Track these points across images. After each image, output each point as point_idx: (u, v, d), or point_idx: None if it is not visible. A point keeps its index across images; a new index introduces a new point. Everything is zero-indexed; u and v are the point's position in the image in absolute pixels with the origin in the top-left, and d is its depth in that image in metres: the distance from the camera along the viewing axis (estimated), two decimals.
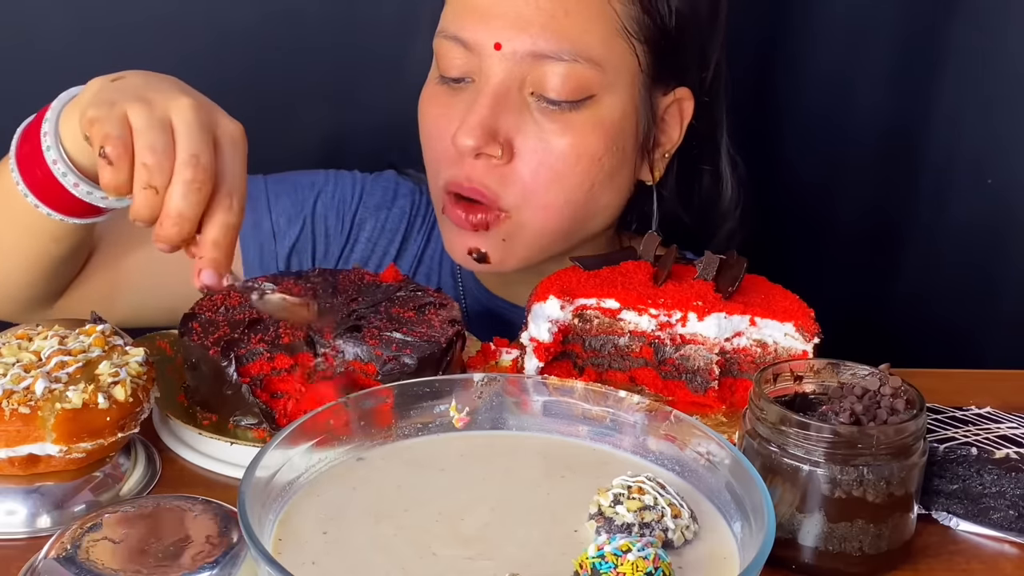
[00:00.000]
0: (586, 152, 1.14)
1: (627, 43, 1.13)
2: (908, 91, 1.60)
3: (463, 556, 0.74)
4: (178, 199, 0.88)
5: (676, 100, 1.20)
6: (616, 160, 1.16)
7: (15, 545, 0.86)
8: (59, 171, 0.99)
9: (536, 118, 1.13)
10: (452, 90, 1.16)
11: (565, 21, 1.10)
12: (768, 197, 1.63)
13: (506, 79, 1.12)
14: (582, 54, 1.11)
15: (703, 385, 1.03)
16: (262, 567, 0.68)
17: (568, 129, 1.13)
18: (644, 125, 1.18)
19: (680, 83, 1.19)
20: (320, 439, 0.82)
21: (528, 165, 1.13)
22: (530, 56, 1.11)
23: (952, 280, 1.64)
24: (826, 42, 1.60)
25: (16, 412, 0.86)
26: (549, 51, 1.10)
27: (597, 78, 1.12)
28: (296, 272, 1.11)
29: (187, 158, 0.88)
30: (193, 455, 0.97)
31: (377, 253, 1.33)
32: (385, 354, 0.97)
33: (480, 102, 1.12)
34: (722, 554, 0.76)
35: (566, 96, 1.11)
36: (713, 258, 1.07)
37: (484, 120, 1.11)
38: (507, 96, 1.12)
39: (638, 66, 1.14)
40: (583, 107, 1.13)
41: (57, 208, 1.02)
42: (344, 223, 1.32)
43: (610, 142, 1.15)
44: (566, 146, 1.13)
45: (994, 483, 0.90)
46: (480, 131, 1.11)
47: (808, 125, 1.63)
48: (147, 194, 0.88)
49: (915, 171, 1.63)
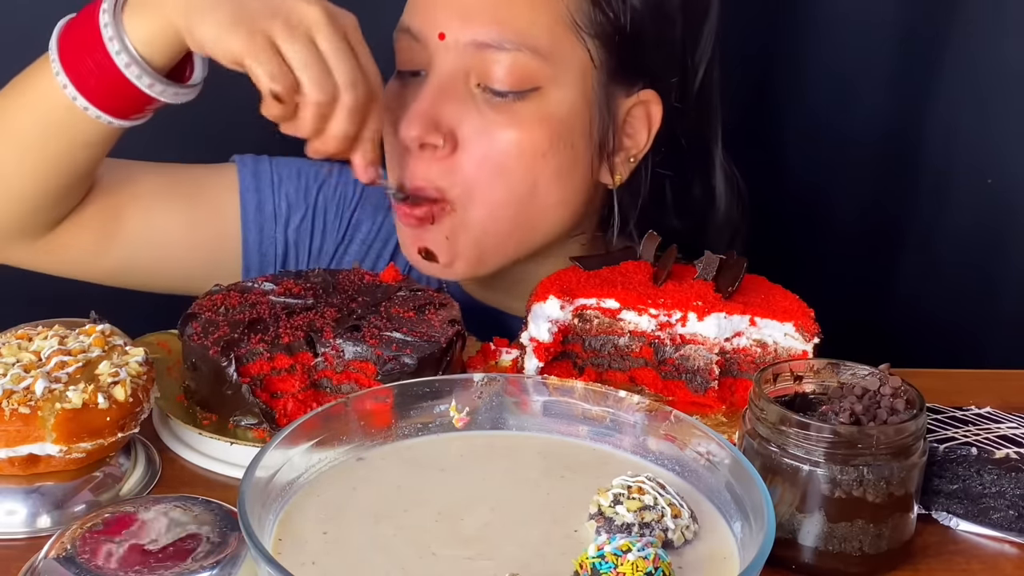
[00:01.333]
0: (530, 146, 1.12)
1: (576, 37, 1.12)
2: (908, 91, 1.59)
3: (463, 556, 0.74)
4: (344, 123, 1.02)
5: (641, 102, 1.17)
6: (564, 158, 1.14)
7: (15, 545, 0.86)
8: (133, 74, 1.03)
9: (481, 109, 1.12)
10: (404, 84, 1.16)
11: (509, 11, 1.10)
12: (768, 197, 1.63)
13: (451, 70, 1.12)
14: (527, 44, 1.10)
15: (703, 385, 1.03)
16: (262, 567, 0.68)
17: (513, 122, 1.12)
18: (600, 124, 1.16)
19: (646, 85, 1.17)
20: (320, 439, 0.82)
21: (472, 156, 1.12)
22: (474, 46, 1.10)
23: (952, 280, 1.64)
24: (826, 42, 1.60)
25: (16, 412, 0.86)
26: (492, 40, 1.10)
27: (542, 69, 1.11)
28: (296, 271, 1.11)
29: (347, 85, 1.01)
30: (193, 455, 0.97)
31: (371, 256, 1.32)
32: (385, 354, 0.97)
33: (424, 92, 1.12)
34: (722, 554, 0.76)
35: (510, 86, 1.11)
36: (713, 258, 1.07)
37: (426, 110, 1.11)
38: (451, 87, 1.12)
39: (590, 62, 1.13)
40: (528, 98, 1.11)
41: (109, 109, 1.05)
42: (342, 221, 1.32)
43: (556, 137, 1.13)
44: (510, 138, 1.12)
45: (994, 483, 0.90)
46: (422, 120, 1.11)
47: (808, 125, 1.63)
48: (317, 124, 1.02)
49: (915, 171, 1.63)
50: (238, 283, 1.08)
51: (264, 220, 1.28)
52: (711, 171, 1.27)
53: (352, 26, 1.03)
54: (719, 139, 1.27)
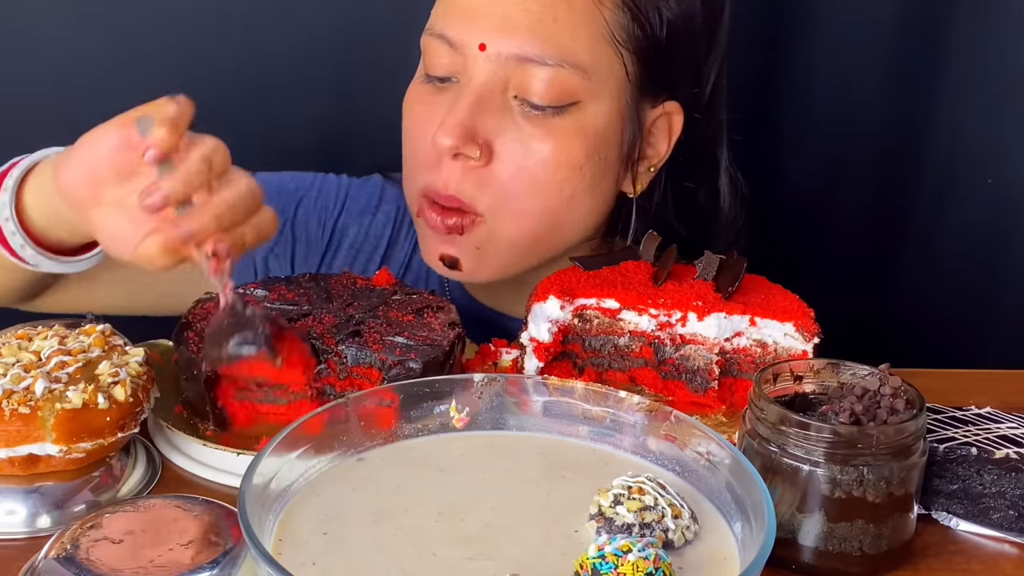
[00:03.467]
0: (567, 160, 1.12)
1: (615, 51, 1.12)
2: (908, 90, 1.60)
3: (463, 556, 0.74)
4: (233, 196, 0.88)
5: (665, 114, 1.18)
6: (598, 170, 1.14)
7: (15, 545, 0.86)
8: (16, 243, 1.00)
9: (518, 122, 1.11)
10: (436, 89, 1.15)
11: (553, 26, 1.09)
12: (768, 197, 1.63)
13: (489, 80, 1.10)
14: (568, 60, 1.09)
15: (703, 385, 1.03)
16: (262, 567, 0.68)
17: (550, 135, 1.11)
18: (629, 136, 1.16)
19: (670, 96, 1.18)
20: (320, 440, 0.82)
21: (507, 168, 1.12)
22: (515, 59, 1.09)
23: (952, 280, 1.64)
24: (826, 41, 1.60)
25: (16, 412, 0.86)
26: (534, 55, 1.09)
27: (582, 85, 1.11)
28: (287, 278, 1.10)
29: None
30: (197, 467, 0.96)
31: (361, 259, 1.31)
32: (390, 359, 0.97)
33: (461, 102, 1.11)
34: (722, 554, 0.76)
35: (550, 101, 1.10)
36: (713, 258, 1.07)
37: (464, 120, 1.10)
38: (489, 98, 1.11)
39: (625, 75, 1.13)
40: (566, 113, 1.11)
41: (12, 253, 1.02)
42: (325, 229, 1.31)
43: (592, 151, 1.13)
44: (547, 152, 1.11)
45: (994, 483, 0.90)
46: (459, 131, 1.09)
47: (808, 124, 1.63)
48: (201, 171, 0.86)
49: (915, 170, 1.63)
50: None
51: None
52: (717, 175, 1.28)
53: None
54: (724, 144, 1.27)
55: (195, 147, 0.86)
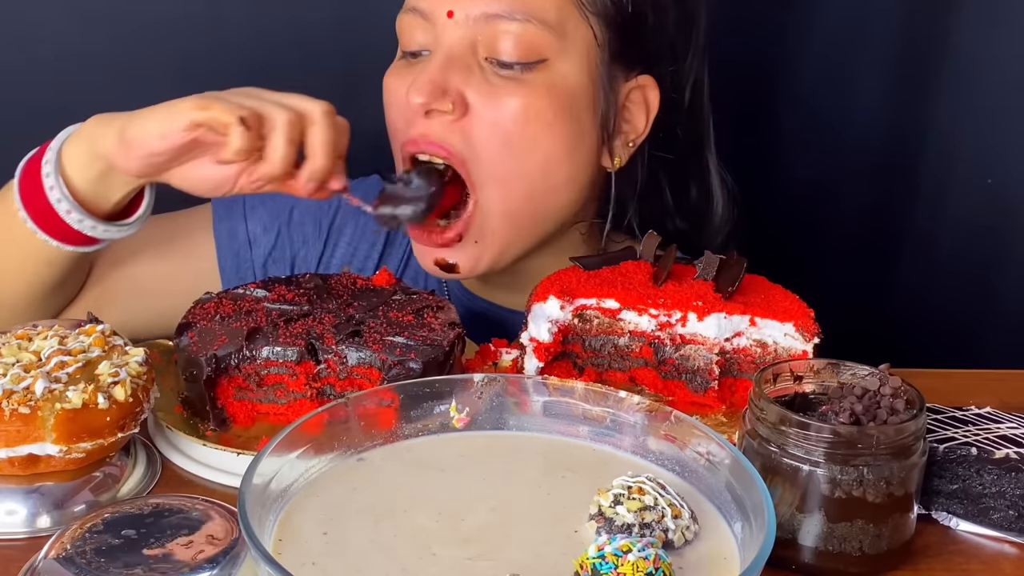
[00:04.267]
0: (536, 115, 1.13)
1: (581, 15, 1.14)
2: (908, 91, 1.60)
3: (463, 556, 0.74)
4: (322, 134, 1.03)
5: (639, 87, 1.19)
6: (571, 131, 1.16)
7: (15, 545, 0.86)
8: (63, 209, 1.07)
9: (489, 79, 1.13)
10: (411, 63, 1.17)
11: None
12: (768, 197, 1.63)
13: (459, 42, 1.13)
14: (535, 15, 1.12)
15: (703, 385, 1.03)
16: (262, 567, 0.68)
17: (519, 88, 1.13)
18: (603, 103, 1.17)
19: (645, 71, 1.19)
20: (319, 440, 0.82)
21: (482, 121, 1.13)
22: (483, 18, 1.12)
23: (952, 280, 1.64)
24: (825, 42, 1.60)
25: (16, 412, 0.86)
26: (502, 11, 1.12)
27: (550, 41, 1.13)
28: (287, 278, 1.10)
29: (324, 111, 1.04)
30: (197, 467, 0.96)
31: (359, 257, 1.33)
32: (390, 359, 0.97)
33: (432, 62, 1.14)
34: (722, 554, 0.76)
35: (518, 57, 1.12)
36: (713, 258, 1.07)
37: (434, 77, 1.12)
38: (460, 57, 1.13)
39: (594, 39, 1.15)
40: (535, 70, 1.13)
41: (54, 235, 1.09)
42: (321, 229, 1.33)
43: (561, 108, 1.14)
44: (516, 106, 1.13)
45: (994, 483, 0.90)
46: (429, 87, 1.12)
47: (808, 125, 1.63)
48: (292, 148, 1.02)
49: (915, 170, 1.63)
50: (229, 291, 1.07)
51: (239, 247, 1.30)
52: (706, 174, 1.29)
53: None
54: (712, 143, 1.29)
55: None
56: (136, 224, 1.13)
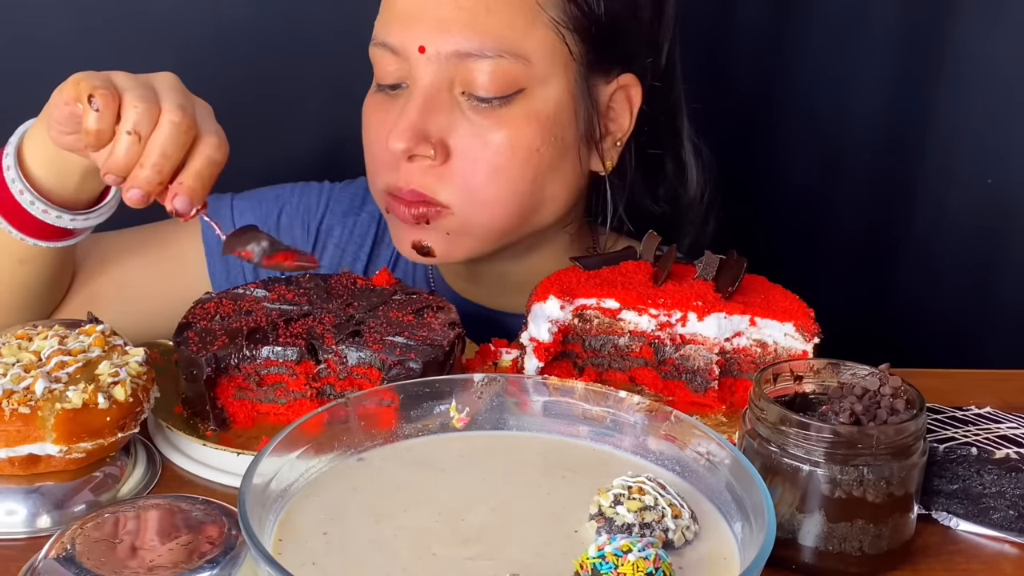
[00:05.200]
0: (522, 144, 1.13)
1: (555, 33, 1.13)
2: (908, 91, 1.60)
3: (463, 556, 0.74)
4: (163, 138, 0.94)
5: (621, 87, 1.19)
6: (556, 150, 1.15)
7: (15, 545, 0.86)
8: (25, 200, 1.05)
9: (469, 116, 1.12)
10: (388, 97, 1.16)
11: (487, 18, 1.10)
12: (768, 196, 1.63)
13: (435, 81, 1.12)
14: (507, 49, 1.10)
15: (703, 385, 1.03)
16: (262, 567, 0.68)
17: (502, 123, 1.12)
18: (584, 114, 1.17)
19: (625, 70, 1.19)
20: (319, 440, 0.82)
21: (465, 162, 1.13)
22: (455, 56, 1.11)
23: (952, 279, 1.64)
24: (825, 43, 1.60)
25: (16, 412, 0.86)
26: (472, 49, 1.10)
27: (524, 72, 1.12)
28: (287, 278, 1.10)
29: (174, 106, 0.95)
30: (197, 467, 0.96)
31: (347, 258, 1.33)
32: (390, 359, 0.97)
33: (410, 105, 1.12)
34: (722, 554, 0.76)
35: (495, 92, 1.11)
36: (713, 258, 1.07)
37: (414, 123, 1.11)
38: (437, 97, 1.12)
39: (569, 55, 1.14)
40: (514, 101, 1.12)
41: (23, 230, 1.08)
42: (310, 231, 1.33)
43: (546, 133, 1.14)
44: (502, 139, 1.12)
45: (994, 483, 0.90)
46: (410, 133, 1.11)
47: (808, 125, 1.63)
48: (131, 139, 0.94)
49: (915, 171, 1.63)
50: (229, 290, 1.08)
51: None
52: (680, 144, 1.28)
53: (207, 105, 1.01)
54: (684, 111, 1.28)
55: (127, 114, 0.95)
56: (103, 211, 1.11)
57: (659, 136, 1.26)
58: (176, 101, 0.96)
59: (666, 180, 1.29)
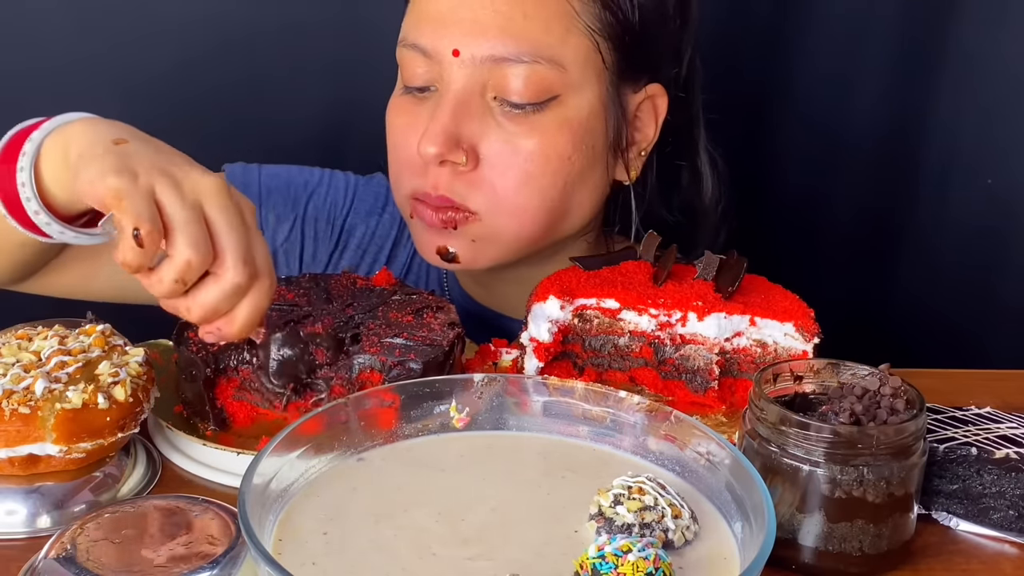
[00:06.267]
0: (554, 152, 1.12)
1: (590, 41, 1.12)
2: (908, 91, 1.60)
3: (463, 556, 0.74)
4: (219, 298, 0.86)
5: (648, 97, 1.18)
6: (586, 159, 1.15)
7: (15, 545, 0.86)
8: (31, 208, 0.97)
9: (500, 122, 1.11)
10: (416, 99, 1.15)
11: (524, 23, 1.09)
12: (768, 197, 1.63)
13: (467, 85, 1.10)
14: (542, 55, 1.09)
15: (703, 385, 1.03)
16: (262, 567, 0.68)
17: (534, 130, 1.11)
18: (614, 123, 1.16)
19: (651, 79, 1.18)
20: (320, 440, 0.82)
21: (495, 169, 1.12)
22: (489, 60, 1.09)
23: (952, 279, 1.64)
24: (825, 43, 1.60)
25: (16, 412, 0.86)
26: (508, 54, 1.09)
27: (559, 78, 1.11)
28: (287, 278, 1.10)
29: (237, 259, 0.85)
30: (197, 467, 0.96)
31: (367, 260, 1.32)
32: (390, 360, 0.97)
33: (442, 109, 1.11)
34: (722, 554, 0.76)
35: (528, 98, 1.10)
36: (713, 258, 1.07)
37: (446, 127, 1.10)
38: (469, 102, 1.11)
39: (602, 64, 1.13)
40: (547, 108, 1.11)
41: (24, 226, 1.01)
42: (334, 228, 1.32)
43: (578, 141, 1.13)
44: (534, 147, 1.11)
45: (994, 483, 0.90)
46: (443, 138, 1.09)
47: (808, 125, 1.63)
48: (176, 287, 0.85)
49: (915, 170, 1.63)
50: None
51: None
52: (696, 154, 1.28)
53: (249, 209, 0.90)
54: (701, 121, 1.27)
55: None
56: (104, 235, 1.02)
57: (678, 146, 1.26)
58: (239, 252, 0.85)
59: (681, 190, 1.29)
